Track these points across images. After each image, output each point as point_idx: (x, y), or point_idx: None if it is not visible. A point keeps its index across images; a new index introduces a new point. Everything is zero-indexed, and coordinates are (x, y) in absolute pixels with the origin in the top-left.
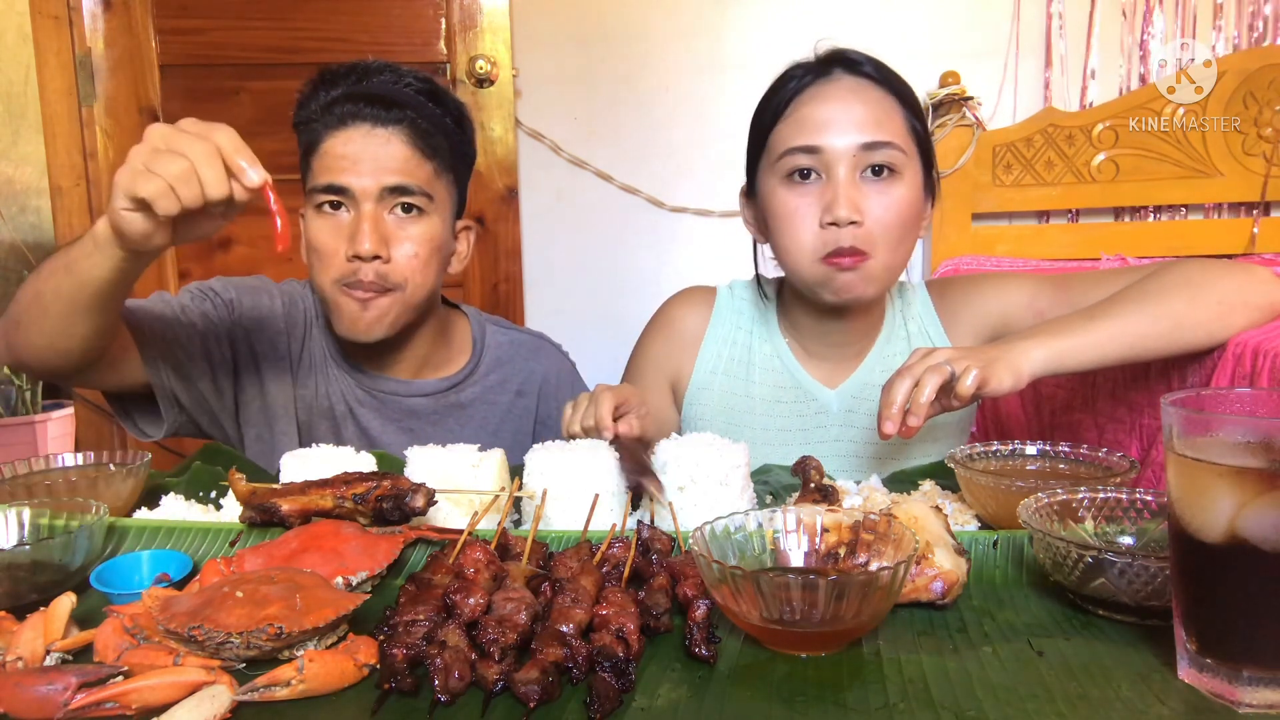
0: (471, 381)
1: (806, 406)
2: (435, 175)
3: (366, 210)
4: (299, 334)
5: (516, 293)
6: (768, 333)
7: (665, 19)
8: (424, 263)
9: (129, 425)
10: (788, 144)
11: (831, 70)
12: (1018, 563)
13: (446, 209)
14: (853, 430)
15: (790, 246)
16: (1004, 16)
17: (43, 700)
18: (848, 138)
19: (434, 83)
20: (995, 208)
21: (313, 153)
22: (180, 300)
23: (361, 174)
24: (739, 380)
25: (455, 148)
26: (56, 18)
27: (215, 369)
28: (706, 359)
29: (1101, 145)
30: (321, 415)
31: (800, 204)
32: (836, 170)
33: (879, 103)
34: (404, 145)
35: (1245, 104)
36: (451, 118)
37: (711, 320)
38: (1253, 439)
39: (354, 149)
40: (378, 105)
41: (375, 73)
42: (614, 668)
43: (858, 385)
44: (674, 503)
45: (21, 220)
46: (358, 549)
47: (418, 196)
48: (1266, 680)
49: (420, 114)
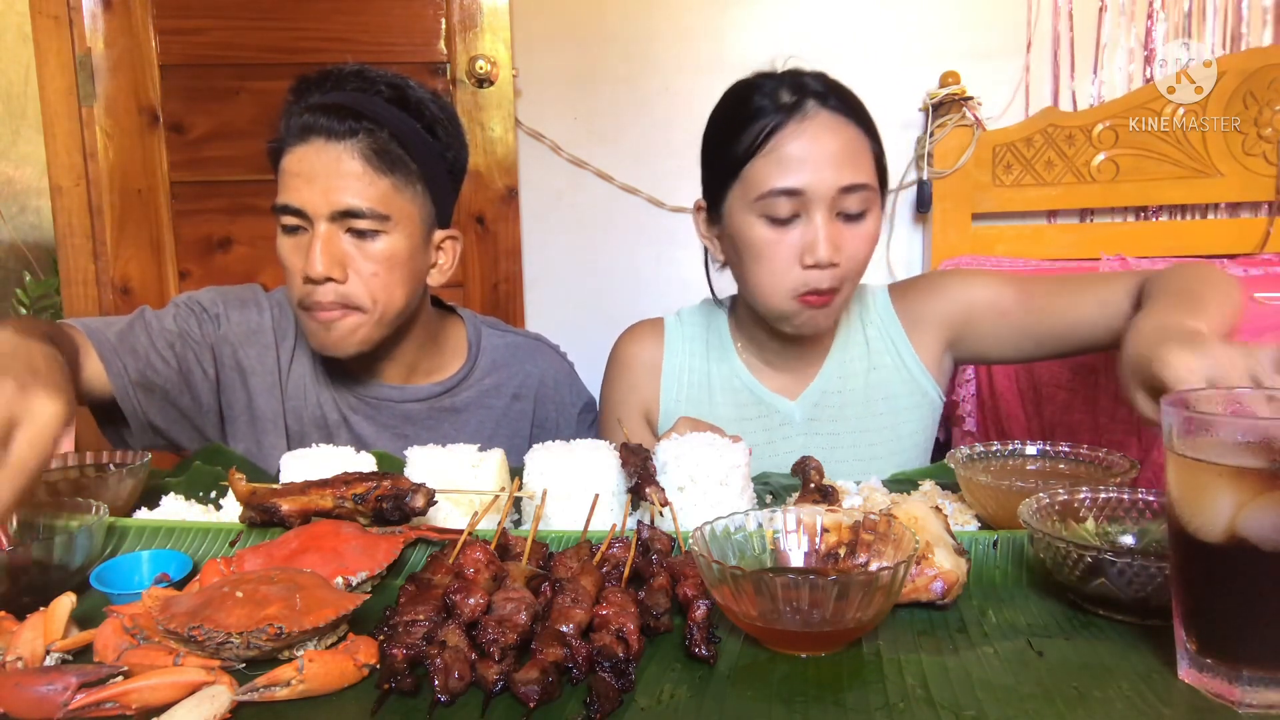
0: (466, 386)
1: (770, 420)
2: (394, 190)
3: (320, 231)
4: (289, 344)
5: (516, 293)
6: (723, 354)
7: (665, 19)
8: (385, 282)
9: (110, 433)
10: (770, 184)
11: (805, 103)
12: (1018, 563)
13: (413, 223)
14: (818, 438)
15: (766, 282)
16: (1003, 16)
17: (43, 700)
18: (828, 181)
19: (406, 88)
20: (995, 208)
21: (277, 168)
22: (162, 322)
23: (314, 193)
24: (702, 405)
25: (427, 156)
26: (56, 18)
27: (196, 386)
28: (668, 389)
29: (1102, 145)
30: (314, 425)
31: (781, 243)
32: (816, 211)
33: (853, 141)
34: (357, 162)
35: (1245, 104)
36: (424, 124)
37: (665, 351)
38: (1253, 439)
39: (307, 167)
40: (334, 117)
41: (347, 80)
42: (614, 668)
43: (817, 393)
44: (674, 503)
45: (21, 220)
46: (358, 549)
47: (369, 220)
48: (1266, 680)
49: (382, 124)
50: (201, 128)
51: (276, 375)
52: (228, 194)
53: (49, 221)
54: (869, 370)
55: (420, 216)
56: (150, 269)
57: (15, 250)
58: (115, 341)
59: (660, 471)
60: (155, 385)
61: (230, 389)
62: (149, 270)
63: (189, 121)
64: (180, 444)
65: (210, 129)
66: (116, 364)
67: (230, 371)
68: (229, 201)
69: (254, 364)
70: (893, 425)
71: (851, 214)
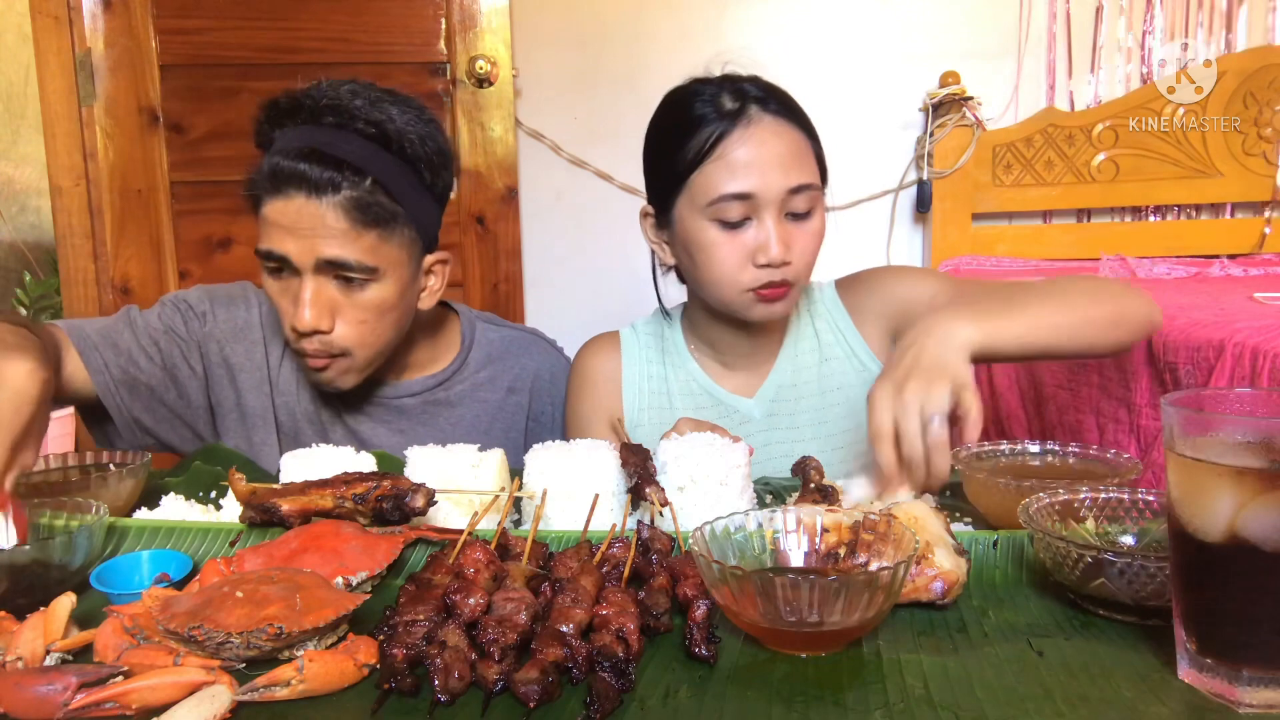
0: (460, 379)
1: (731, 419)
2: (380, 241)
3: (307, 282)
4: (280, 340)
5: (516, 293)
6: (679, 359)
7: (665, 19)
8: (374, 328)
9: (98, 435)
10: (720, 190)
11: (748, 109)
12: (1018, 563)
13: (401, 267)
14: (778, 432)
15: (721, 280)
16: (1004, 16)
17: (43, 700)
18: (776, 184)
19: (385, 125)
20: (995, 208)
21: (257, 211)
22: (147, 320)
23: (299, 246)
24: (664, 412)
25: (413, 194)
26: (56, 18)
27: (183, 383)
28: (630, 399)
29: (1101, 145)
30: (307, 420)
31: (733, 244)
32: (766, 213)
33: (796, 143)
34: (340, 218)
35: (1245, 104)
36: (408, 161)
37: (623, 363)
38: (1253, 439)
39: (289, 219)
40: (314, 164)
41: (322, 113)
42: (614, 668)
43: (773, 389)
44: (674, 503)
45: (21, 220)
46: (358, 549)
47: (357, 271)
48: (1266, 680)
49: (364, 172)
50: (201, 128)
51: (265, 371)
52: (228, 194)
53: (49, 221)
54: (821, 362)
55: (410, 257)
56: (150, 269)
57: (15, 250)
58: (96, 338)
59: (660, 471)
60: (140, 382)
61: (218, 386)
62: (149, 270)
63: (189, 121)
64: (171, 444)
65: (210, 129)
66: (97, 359)
67: (218, 369)
68: (229, 201)
69: (242, 361)
70: (851, 414)
71: (799, 213)
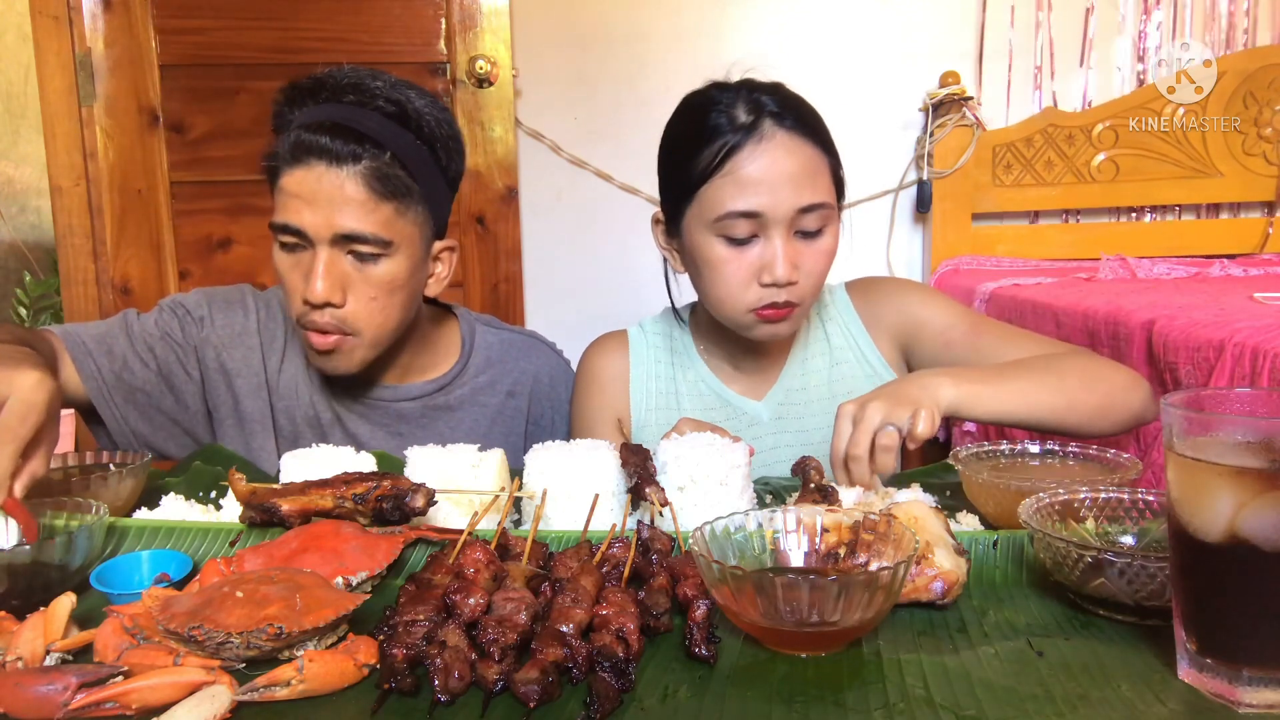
0: (460, 383)
1: (738, 421)
2: (397, 214)
3: (321, 254)
4: (278, 345)
5: (516, 293)
6: (688, 360)
7: (666, 20)
8: (384, 305)
9: (100, 433)
10: (727, 206)
11: (762, 124)
12: (1018, 563)
13: (414, 244)
14: (786, 435)
15: (725, 297)
16: (1004, 16)
17: (43, 700)
18: (786, 202)
19: (405, 104)
20: (995, 208)
21: (274, 184)
22: (144, 324)
23: (316, 217)
24: (671, 412)
25: (428, 175)
26: (56, 18)
27: (179, 388)
28: (637, 399)
29: (1101, 145)
30: (307, 424)
31: (739, 261)
32: (774, 232)
33: (810, 160)
34: (359, 188)
35: (1245, 104)
36: (425, 140)
37: (631, 362)
38: (1253, 439)
39: (308, 190)
40: (336, 138)
41: (344, 91)
42: (614, 668)
43: (782, 392)
44: (674, 503)
45: (21, 220)
46: (358, 549)
47: (372, 244)
48: (1266, 680)
49: (384, 146)
50: (201, 128)
51: (263, 376)
52: (228, 194)
53: (49, 221)
54: (832, 366)
55: (421, 236)
56: (150, 269)
57: (15, 250)
58: (91, 344)
59: (660, 471)
60: (134, 387)
61: (215, 391)
62: (149, 270)
63: (189, 121)
64: (166, 452)
65: (210, 129)
66: (89, 365)
67: (215, 373)
68: (229, 201)
69: (239, 366)
70: None
71: (809, 231)
